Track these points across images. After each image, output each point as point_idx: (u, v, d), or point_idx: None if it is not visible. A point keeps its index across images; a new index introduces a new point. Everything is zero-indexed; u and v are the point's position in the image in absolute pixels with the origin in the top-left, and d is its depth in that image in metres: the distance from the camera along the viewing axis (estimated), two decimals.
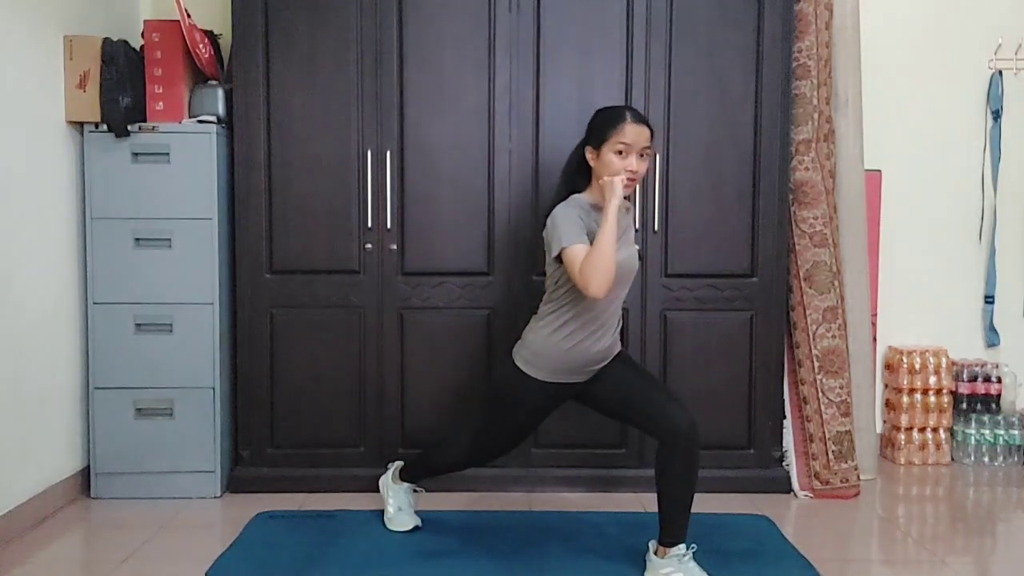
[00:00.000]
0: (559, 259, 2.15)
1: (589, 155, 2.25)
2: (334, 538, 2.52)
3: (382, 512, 2.66)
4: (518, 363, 2.30)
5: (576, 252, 2.09)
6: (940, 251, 3.51)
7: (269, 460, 2.97)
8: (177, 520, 2.69)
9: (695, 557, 2.23)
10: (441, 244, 2.93)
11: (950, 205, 3.51)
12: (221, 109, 2.90)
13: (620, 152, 2.17)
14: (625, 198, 2.24)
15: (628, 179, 2.18)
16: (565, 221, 2.15)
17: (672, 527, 2.22)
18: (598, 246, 2.07)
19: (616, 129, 2.18)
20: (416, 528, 2.57)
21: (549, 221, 2.21)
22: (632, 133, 2.18)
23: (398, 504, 2.61)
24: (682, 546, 2.22)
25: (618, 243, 2.14)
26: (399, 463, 2.68)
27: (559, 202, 2.26)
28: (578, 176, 2.29)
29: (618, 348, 2.36)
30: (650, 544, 2.28)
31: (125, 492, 2.86)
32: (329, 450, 2.97)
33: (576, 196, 2.26)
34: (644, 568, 2.28)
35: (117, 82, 2.77)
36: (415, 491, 2.67)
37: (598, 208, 2.21)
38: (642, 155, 2.20)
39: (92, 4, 2.95)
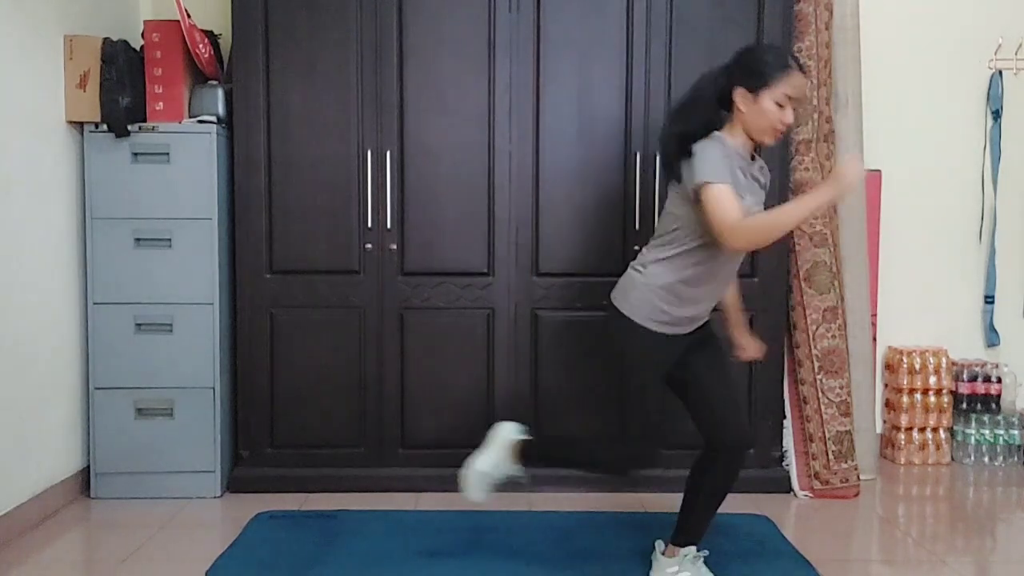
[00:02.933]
0: (696, 194, 1.94)
1: (740, 96, 2.01)
2: (334, 538, 2.52)
3: (382, 512, 2.66)
4: (625, 311, 2.10)
5: (722, 192, 1.90)
6: (940, 251, 3.51)
7: (269, 460, 2.97)
8: (177, 520, 2.69)
9: (707, 562, 2.21)
10: (441, 244, 2.93)
11: (950, 205, 3.51)
12: (221, 109, 2.90)
13: (780, 104, 1.98)
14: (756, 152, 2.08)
15: (781, 132, 2.02)
16: (714, 156, 1.95)
17: (689, 529, 2.17)
18: (778, 212, 1.91)
19: (785, 77, 1.98)
20: (482, 501, 2.35)
21: (696, 153, 1.97)
22: (799, 85, 2.01)
23: (493, 471, 2.30)
24: (693, 548, 2.19)
25: (750, 194, 2.01)
26: (526, 437, 2.33)
27: (689, 131, 2.02)
28: (718, 110, 2.05)
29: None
30: (657, 544, 2.25)
31: (125, 492, 2.86)
32: (329, 450, 2.97)
33: (719, 135, 2.03)
34: (650, 568, 2.25)
35: (117, 82, 2.77)
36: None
37: (741, 154, 2.03)
38: (796, 108, 2.03)
39: (92, 4, 2.95)
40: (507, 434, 2.34)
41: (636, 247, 2.48)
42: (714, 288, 2.12)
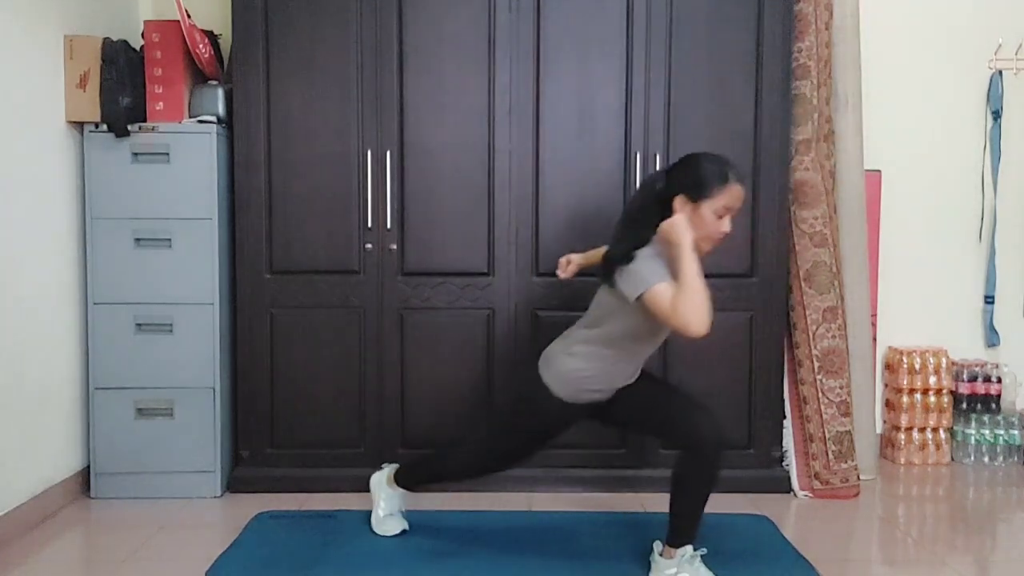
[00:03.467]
0: (639, 299, 2.00)
1: (680, 203, 2.05)
2: (334, 538, 2.52)
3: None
4: (544, 379, 2.23)
5: (663, 291, 1.96)
6: (940, 251, 3.51)
7: (269, 460, 2.97)
8: (177, 520, 2.69)
9: (704, 560, 2.22)
10: (441, 244, 2.93)
11: (950, 205, 3.51)
12: (221, 109, 2.90)
13: (720, 215, 2.03)
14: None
15: (719, 241, 2.07)
16: (648, 261, 2.03)
17: (682, 529, 2.19)
18: (687, 281, 1.94)
19: (725, 189, 2.03)
20: (403, 532, 2.54)
21: (632, 264, 2.04)
22: (738, 196, 2.06)
23: (389, 509, 2.56)
24: (689, 547, 2.20)
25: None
26: (394, 465, 2.60)
27: (627, 243, 2.08)
28: (654, 218, 2.08)
29: None
30: (655, 544, 2.27)
31: (125, 492, 2.86)
32: (329, 450, 2.97)
33: (653, 242, 2.08)
34: (648, 570, 2.26)
35: (117, 82, 2.77)
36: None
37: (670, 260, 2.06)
38: (733, 217, 2.08)
39: (92, 4, 2.95)
40: (378, 476, 2.60)
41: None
42: (637, 365, 2.26)
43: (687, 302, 1.92)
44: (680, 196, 2.06)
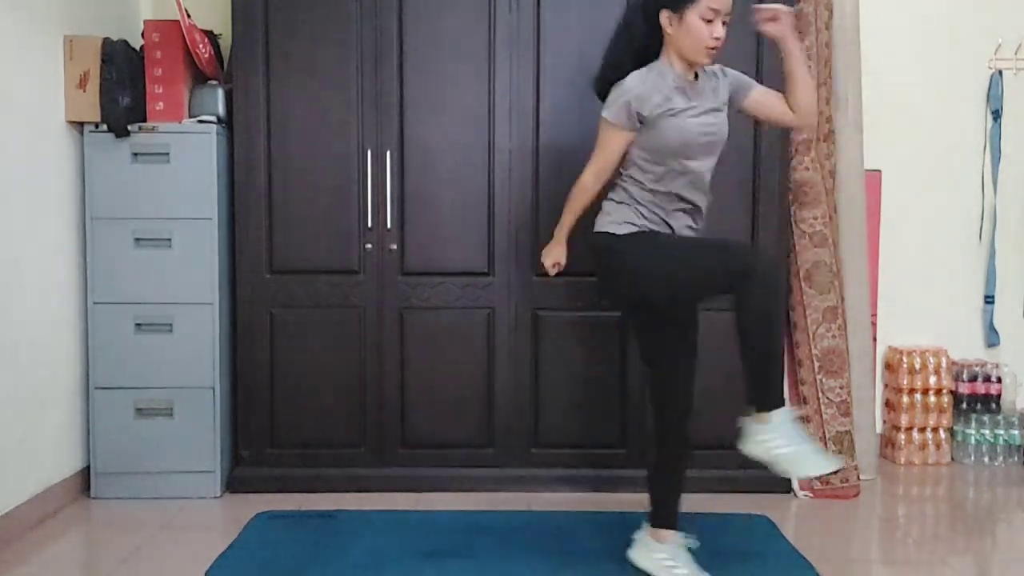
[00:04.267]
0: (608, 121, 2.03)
1: (665, 20, 2.00)
2: (334, 538, 2.52)
3: (382, 512, 2.66)
4: (606, 236, 2.10)
5: (605, 133, 2.02)
6: (940, 251, 3.51)
7: (269, 460, 2.97)
8: (177, 520, 2.69)
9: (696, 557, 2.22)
10: (441, 244, 2.93)
11: (950, 205, 3.50)
12: (221, 109, 2.90)
13: (708, 19, 1.95)
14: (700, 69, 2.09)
15: (713, 48, 1.99)
16: (619, 92, 2.02)
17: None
18: (571, 200, 2.13)
19: None
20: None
21: (614, 87, 2.04)
22: None
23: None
24: (679, 534, 2.20)
25: (700, 111, 2.03)
26: (645, 525, 2.25)
27: (613, 74, 2.07)
28: (647, 41, 2.04)
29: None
30: (645, 525, 2.23)
31: (125, 492, 2.86)
32: (329, 450, 2.97)
33: (654, 64, 2.04)
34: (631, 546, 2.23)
35: (117, 82, 2.77)
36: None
37: (678, 79, 2.03)
38: (724, 22, 1.99)
39: (92, 4, 2.95)
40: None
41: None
42: (674, 209, 2.10)
43: (573, 193, 2.12)
44: (664, 11, 2.01)
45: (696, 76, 2.09)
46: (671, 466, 2.22)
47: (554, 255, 2.32)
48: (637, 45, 2.08)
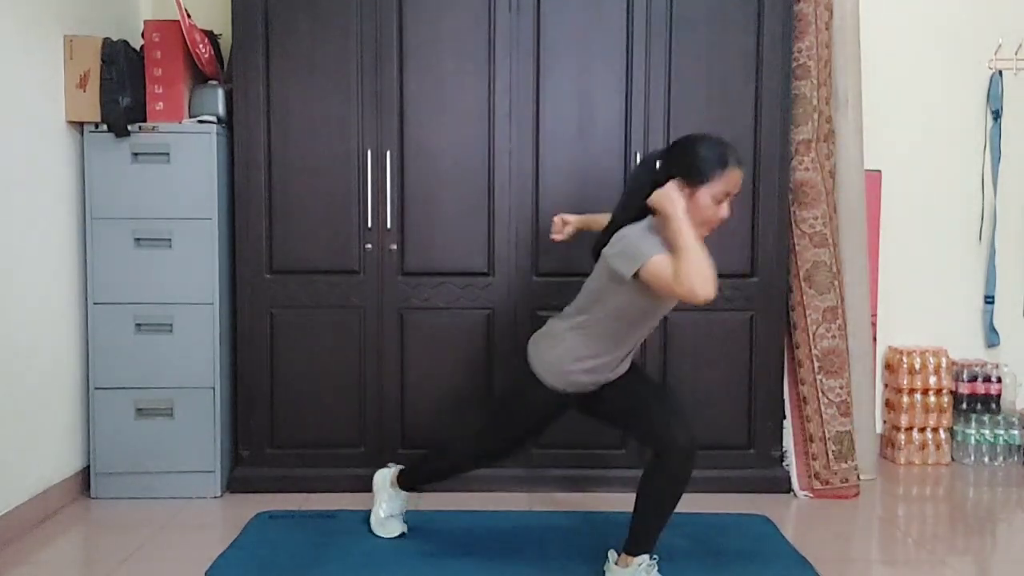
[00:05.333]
0: (636, 277, 1.96)
1: (676, 187, 2.01)
2: (334, 538, 2.52)
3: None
4: (535, 368, 2.20)
5: (663, 261, 1.91)
6: (940, 251, 3.51)
7: (269, 460, 2.97)
8: (177, 520, 2.69)
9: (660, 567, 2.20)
10: (441, 244, 2.93)
11: (950, 205, 3.51)
12: (221, 109, 2.90)
13: (718, 200, 1.99)
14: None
15: (715, 226, 2.04)
16: (643, 236, 2.00)
17: (643, 537, 2.14)
18: (686, 245, 1.88)
19: (724, 174, 1.98)
20: (402, 535, 2.52)
21: (618, 240, 2.03)
22: (737, 181, 2.01)
23: (391, 510, 2.54)
24: (646, 556, 2.15)
25: None
26: (399, 466, 2.59)
27: (623, 219, 2.08)
28: (641, 200, 2.07)
29: None
30: (610, 554, 2.21)
31: (125, 492, 2.86)
32: (329, 450, 2.97)
33: (648, 223, 2.06)
34: None
35: (117, 82, 2.77)
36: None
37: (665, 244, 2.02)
38: (731, 202, 2.04)
39: (92, 4, 2.95)
40: (381, 476, 2.59)
41: None
42: (627, 351, 2.21)
43: (689, 266, 1.86)
44: (676, 180, 2.00)
45: None
46: (652, 492, 2.15)
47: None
48: (639, 202, 2.07)
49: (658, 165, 2.07)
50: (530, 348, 2.26)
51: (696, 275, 1.86)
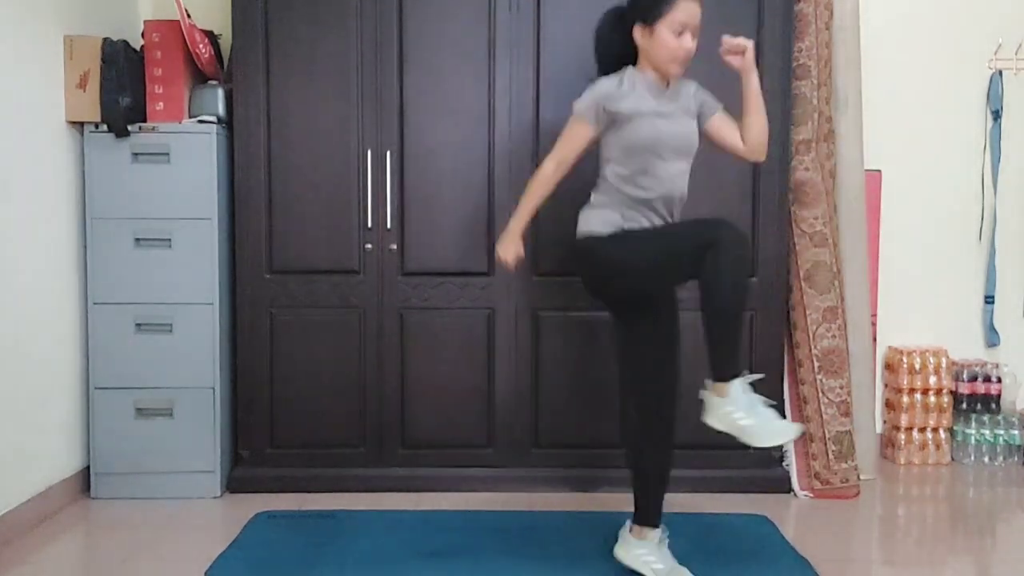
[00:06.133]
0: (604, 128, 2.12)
1: (638, 33, 2.12)
2: (334, 538, 2.52)
3: (382, 512, 2.66)
4: (590, 231, 2.17)
5: (571, 126, 2.14)
6: (940, 251, 3.51)
7: (269, 460, 2.97)
8: (177, 520, 2.69)
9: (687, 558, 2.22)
10: (441, 244, 2.93)
11: (950, 205, 3.50)
12: (221, 109, 2.90)
13: (677, 32, 2.07)
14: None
15: (683, 60, 2.11)
16: (592, 90, 2.13)
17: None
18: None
19: (673, 4, 2.07)
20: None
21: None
22: (692, 11, 2.09)
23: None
24: (658, 530, 2.23)
25: (670, 114, 2.14)
26: (627, 523, 2.31)
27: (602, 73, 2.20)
28: (621, 52, 2.17)
29: None
30: (627, 522, 2.28)
31: (125, 492, 2.86)
32: (329, 450, 2.97)
33: (628, 70, 2.16)
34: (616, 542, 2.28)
35: (117, 82, 2.77)
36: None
37: (649, 87, 2.14)
38: (694, 35, 2.12)
39: (92, 4, 2.95)
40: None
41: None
42: (658, 208, 2.17)
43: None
44: (637, 25, 2.12)
45: (668, 85, 2.19)
46: (648, 464, 2.24)
47: (515, 249, 2.32)
48: (616, 53, 2.19)
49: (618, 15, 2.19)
50: (578, 230, 2.24)
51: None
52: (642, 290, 2.21)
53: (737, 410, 2.00)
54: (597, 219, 2.18)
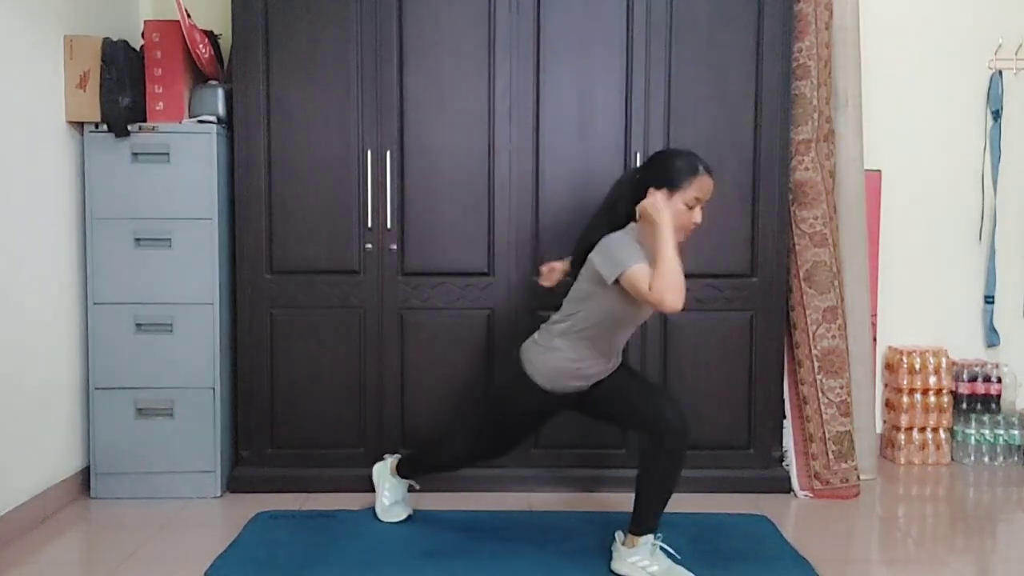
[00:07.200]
0: (616, 282, 2.11)
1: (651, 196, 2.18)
2: (334, 538, 2.52)
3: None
4: (527, 371, 2.32)
5: (642, 271, 2.06)
6: (940, 251, 3.52)
7: (269, 460, 2.97)
8: (177, 520, 2.69)
9: (687, 558, 2.25)
10: (441, 244, 2.93)
11: (950, 205, 3.51)
12: (221, 109, 2.90)
13: (690, 206, 2.16)
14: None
15: (690, 231, 2.21)
16: (626, 244, 2.14)
17: (646, 517, 2.25)
18: (665, 258, 2.03)
19: (695, 181, 2.15)
20: (408, 518, 2.64)
21: (603, 246, 2.16)
22: (707, 187, 2.18)
23: (394, 497, 2.66)
24: (651, 536, 2.26)
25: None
26: (396, 456, 2.71)
27: (600, 229, 2.23)
28: (631, 208, 2.22)
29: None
30: (617, 535, 2.33)
31: (125, 492, 2.86)
32: (329, 450, 2.97)
33: (630, 226, 2.23)
34: (611, 559, 2.32)
35: (117, 82, 2.77)
36: (411, 488, 2.72)
37: (647, 251, 2.16)
38: (703, 208, 2.21)
39: (92, 4, 2.95)
40: (380, 467, 2.71)
41: None
42: (616, 351, 2.34)
43: (664, 276, 2.02)
44: (651, 189, 2.18)
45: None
46: (652, 473, 2.26)
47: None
48: (620, 213, 2.25)
49: (633, 178, 2.26)
50: (522, 355, 2.36)
51: (669, 286, 2.02)
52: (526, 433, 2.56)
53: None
54: (547, 370, 2.29)
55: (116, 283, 2.84)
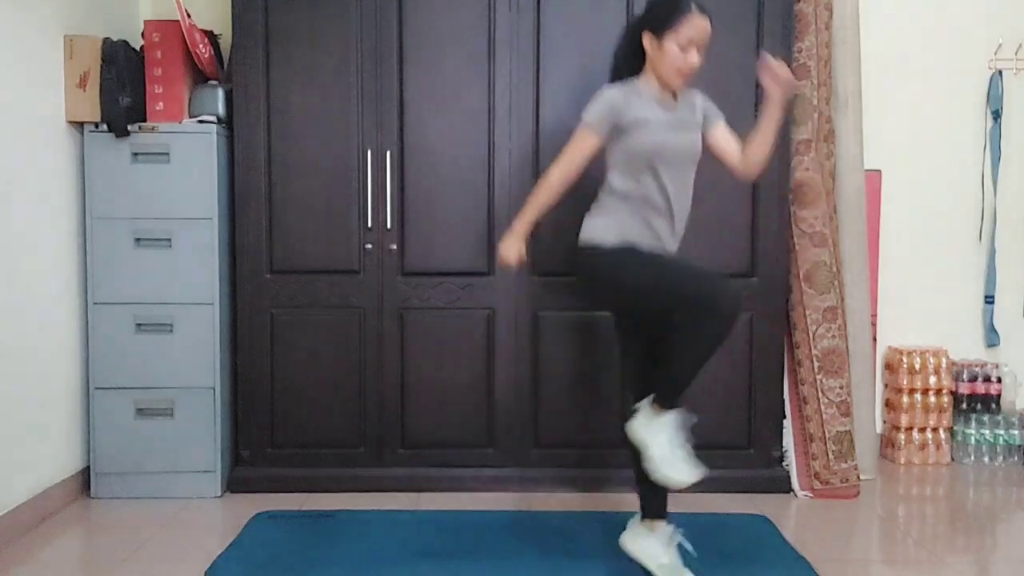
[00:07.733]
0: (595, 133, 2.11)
1: (647, 41, 2.13)
2: (334, 538, 2.52)
3: (382, 512, 2.66)
4: (592, 239, 2.15)
5: (580, 133, 2.12)
6: (940, 251, 3.51)
7: (269, 460, 2.97)
8: (177, 520, 2.69)
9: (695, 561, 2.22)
10: (441, 244, 2.93)
11: (950, 205, 3.51)
12: (221, 109, 2.90)
13: (684, 48, 2.09)
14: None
15: (687, 74, 2.13)
16: (599, 99, 2.13)
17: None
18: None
19: (685, 19, 2.07)
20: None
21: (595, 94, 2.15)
22: (700, 27, 2.09)
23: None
24: (668, 526, 2.21)
25: (674, 123, 2.14)
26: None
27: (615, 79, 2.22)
28: (632, 60, 2.19)
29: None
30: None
31: (125, 492, 2.86)
32: (329, 450, 2.97)
33: (631, 80, 2.18)
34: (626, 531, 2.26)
35: (117, 82, 2.77)
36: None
37: (654, 96, 2.14)
38: (700, 50, 2.13)
39: (92, 4, 2.95)
40: (642, 417, 2.19)
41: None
42: (658, 228, 2.15)
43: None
44: (646, 34, 2.13)
45: (674, 95, 2.20)
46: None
47: (517, 248, 2.30)
48: (625, 64, 2.22)
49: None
50: (581, 237, 2.20)
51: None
52: (630, 308, 2.26)
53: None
54: (601, 227, 2.17)
55: (116, 283, 2.84)
